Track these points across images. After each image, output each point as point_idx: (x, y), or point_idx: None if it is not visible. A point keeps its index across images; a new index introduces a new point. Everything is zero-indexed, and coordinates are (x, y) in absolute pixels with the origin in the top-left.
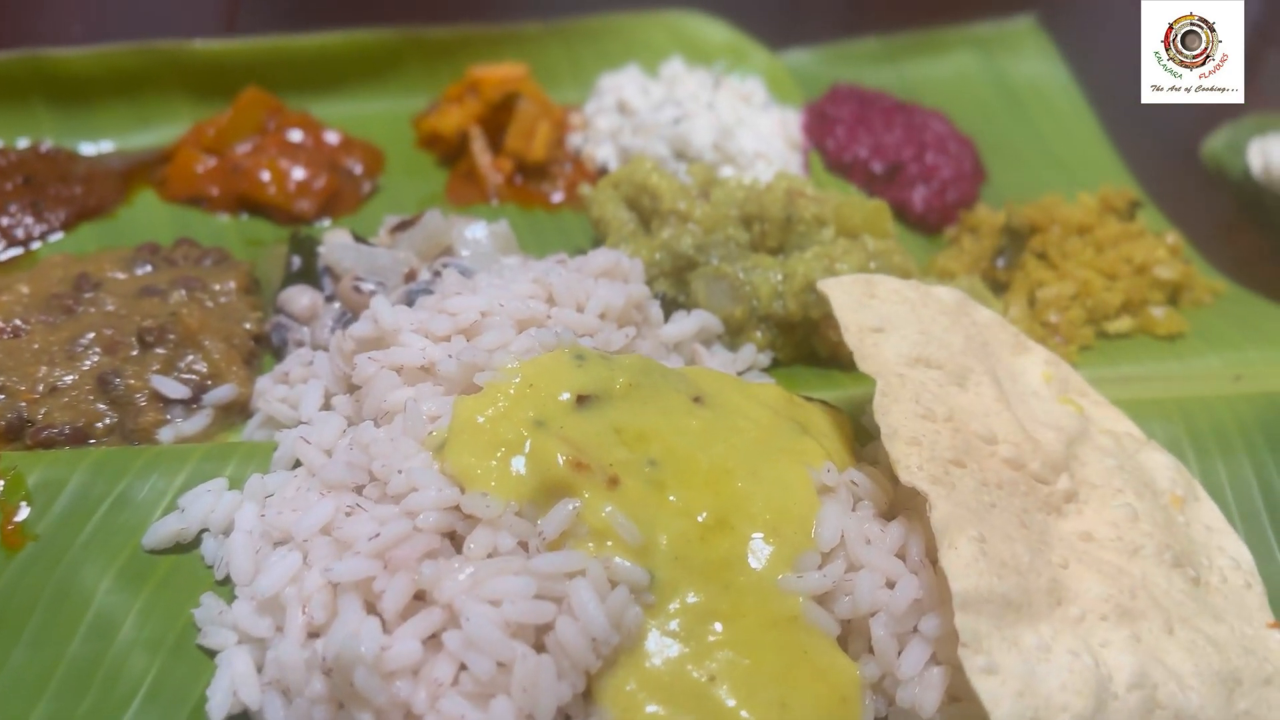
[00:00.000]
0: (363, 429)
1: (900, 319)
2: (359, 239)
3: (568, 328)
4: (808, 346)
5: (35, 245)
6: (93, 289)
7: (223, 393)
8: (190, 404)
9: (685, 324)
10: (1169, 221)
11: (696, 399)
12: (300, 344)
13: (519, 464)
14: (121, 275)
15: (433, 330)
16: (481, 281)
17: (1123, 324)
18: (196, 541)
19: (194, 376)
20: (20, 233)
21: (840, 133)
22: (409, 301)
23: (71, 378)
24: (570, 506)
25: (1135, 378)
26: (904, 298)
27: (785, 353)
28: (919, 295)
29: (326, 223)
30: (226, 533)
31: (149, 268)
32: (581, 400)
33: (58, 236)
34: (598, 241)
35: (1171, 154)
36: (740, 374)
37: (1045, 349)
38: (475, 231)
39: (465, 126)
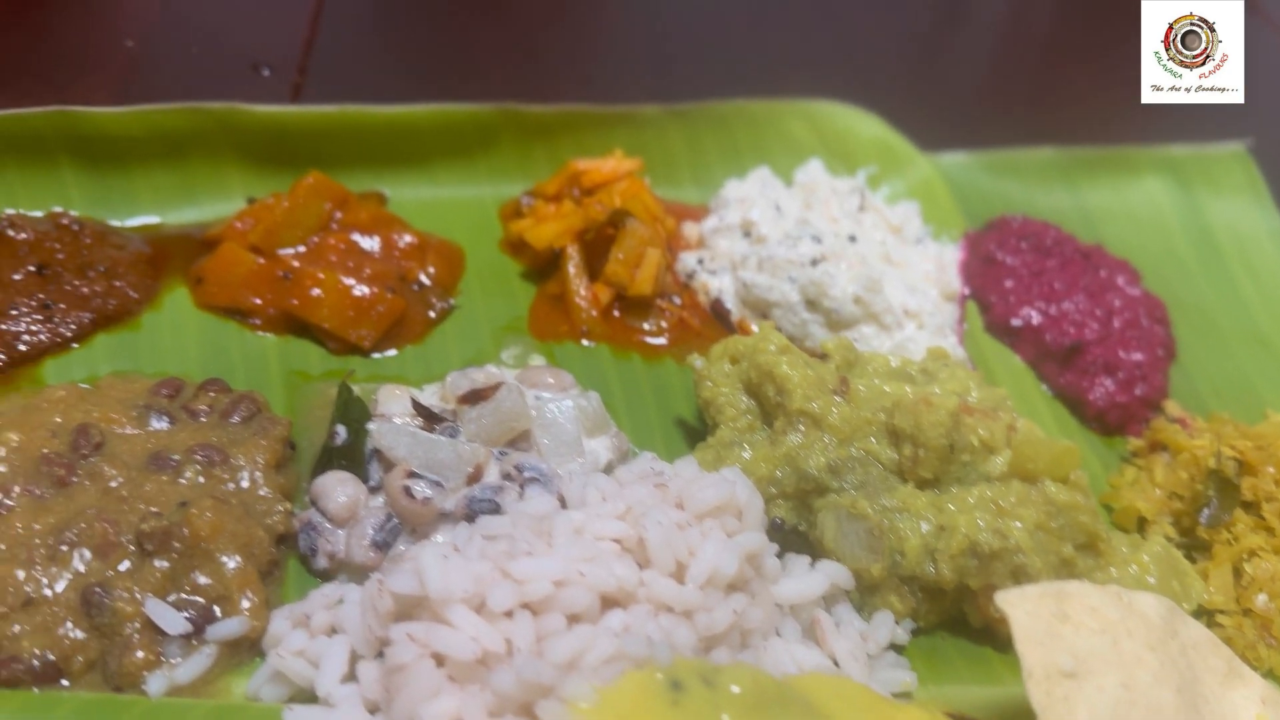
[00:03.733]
0: None
1: (1099, 658)
2: (421, 411)
3: (660, 608)
4: (956, 610)
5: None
6: (93, 449)
7: (230, 628)
8: (190, 637)
9: (809, 582)
10: None
11: None
12: (331, 556)
13: None
14: (131, 430)
15: (493, 602)
16: (519, 522)
17: None
18: None
19: (199, 599)
20: (25, 343)
21: (1009, 287)
22: (469, 515)
23: (52, 589)
24: None
25: None
26: (1104, 622)
27: (927, 619)
28: (1121, 614)
29: (391, 353)
30: None
31: (165, 421)
32: None
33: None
34: (702, 418)
35: None
36: (873, 657)
37: (1261, 680)
38: (559, 412)
39: (560, 244)
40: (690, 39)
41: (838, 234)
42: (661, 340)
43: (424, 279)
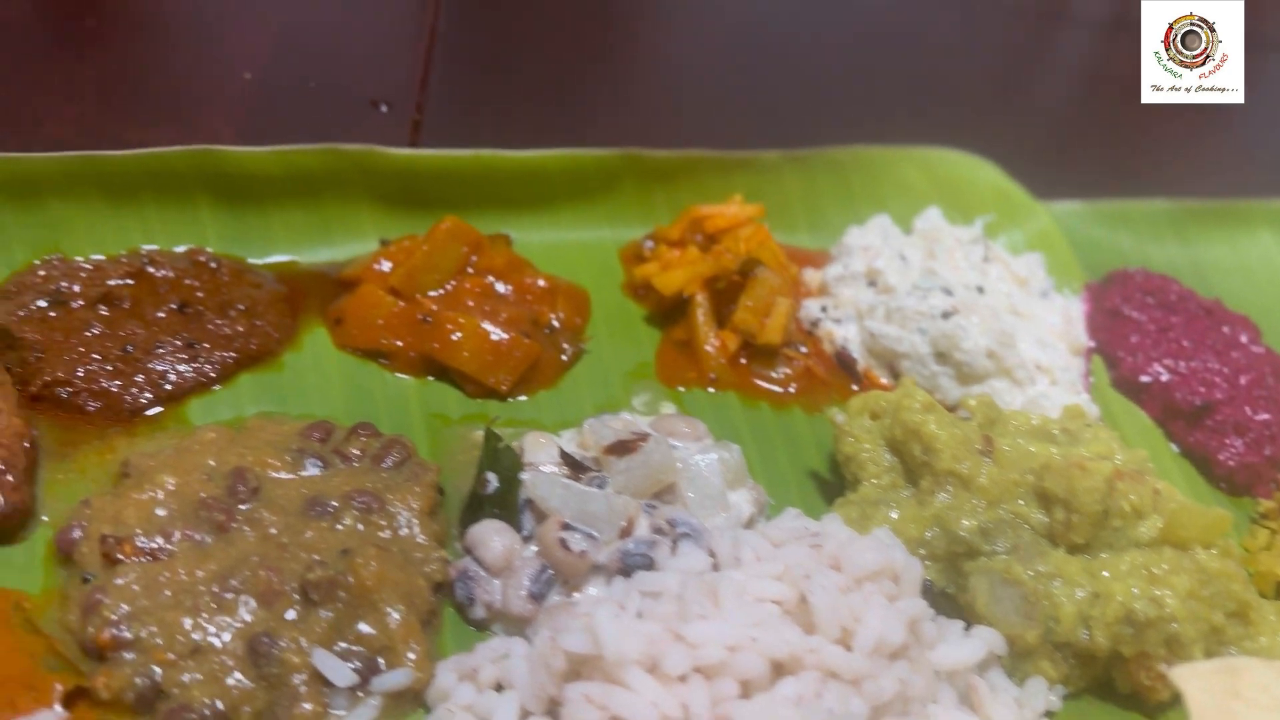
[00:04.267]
0: None
1: None
2: (569, 461)
3: (828, 675)
4: (1104, 675)
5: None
6: (251, 494)
7: (396, 679)
8: (356, 689)
9: (967, 648)
10: None
11: None
12: (489, 606)
13: None
14: (285, 475)
15: (667, 665)
16: (689, 584)
17: None
18: None
19: (362, 649)
20: (171, 383)
21: (1135, 343)
22: (624, 570)
23: (219, 637)
24: None
25: None
26: (1275, 699)
27: (1076, 684)
28: None
29: (524, 397)
30: None
31: (318, 465)
32: None
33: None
34: (835, 470)
35: None
36: None
37: None
38: (704, 465)
39: (690, 291)
40: (796, 85)
41: (965, 285)
42: (789, 389)
43: (554, 323)
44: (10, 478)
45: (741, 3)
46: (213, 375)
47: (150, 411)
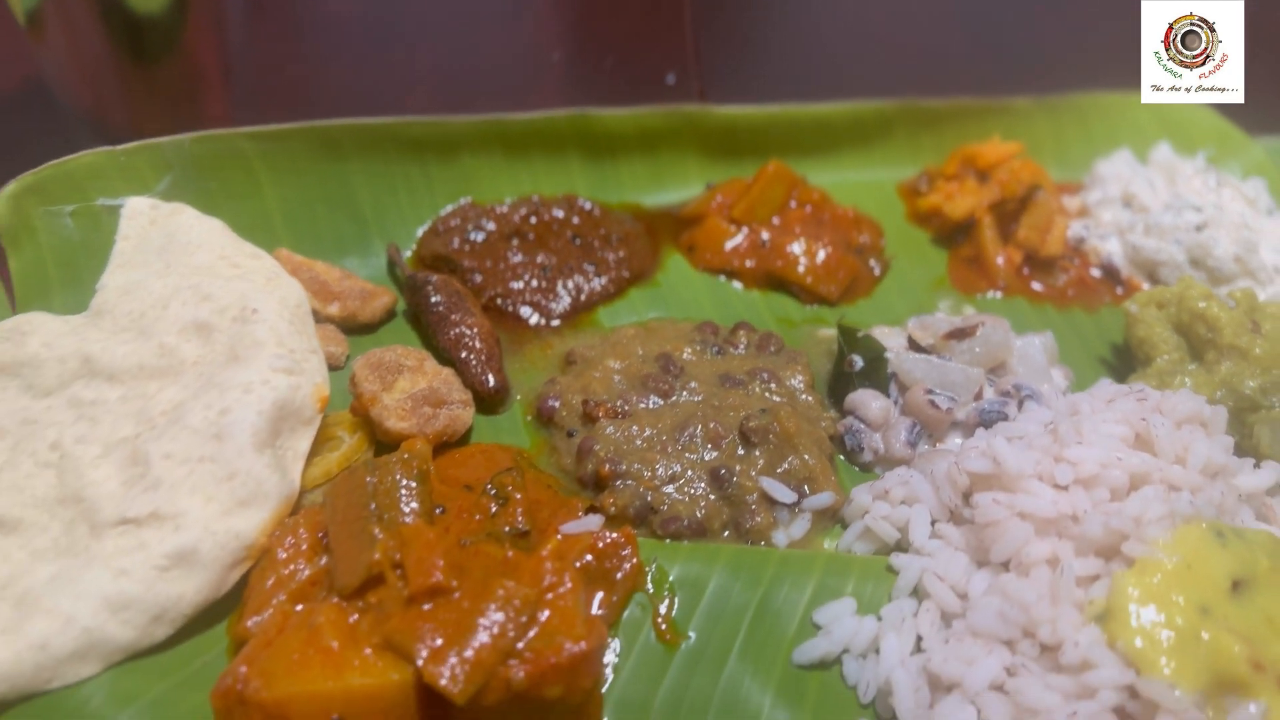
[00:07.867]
0: (1009, 582)
1: None
2: (914, 346)
3: (1171, 488)
4: None
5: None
6: (680, 371)
7: (822, 500)
8: (792, 507)
9: (1263, 477)
10: None
11: None
12: (875, 451)
13: (1192, 652)
14: (693, 358)
15: (1056, 478)
16: (1060, 422)
17: None
18: (836, 661)
19: (792, 480)
20: (585, 294)
21: None
22: (982, 423)
23: (688, 470)
24: (1252, 710)
25: None
26: None
27: None
28: None
29: (845, 305)
30: (864, 656)
31: (717, 352)
32: (1235, 586)
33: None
34: (1118, 356)
35: None
36: None
37: None
38: (1029, 347)
39: (977, 213)
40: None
41: (1209, 205)
42: (1068, 293)
43: (863, 244)
44: (495, 363)
45: None
46: (612, 290)
47: (570, 318)
